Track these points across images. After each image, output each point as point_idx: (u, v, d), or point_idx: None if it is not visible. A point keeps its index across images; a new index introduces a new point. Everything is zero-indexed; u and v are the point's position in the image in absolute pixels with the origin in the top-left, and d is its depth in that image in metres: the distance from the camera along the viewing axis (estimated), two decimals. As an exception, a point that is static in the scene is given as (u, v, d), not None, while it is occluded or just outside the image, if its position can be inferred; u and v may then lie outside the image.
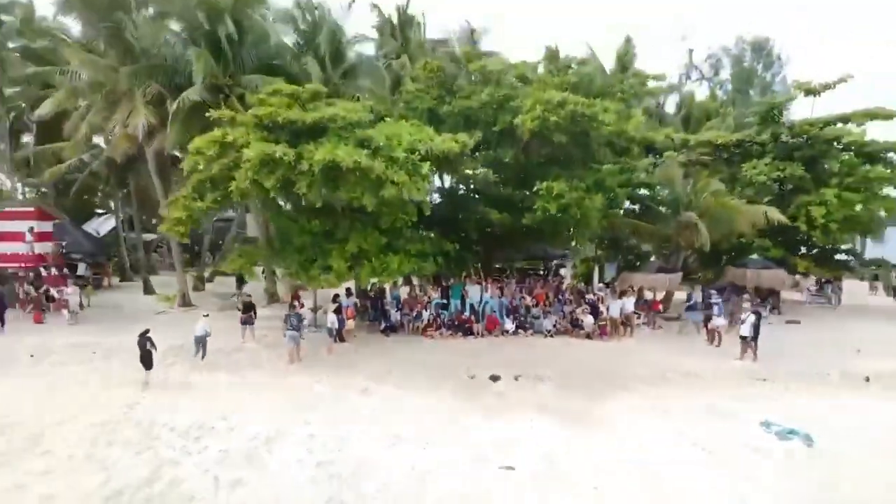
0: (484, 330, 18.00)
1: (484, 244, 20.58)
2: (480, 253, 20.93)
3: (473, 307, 18.61)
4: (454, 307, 18.71)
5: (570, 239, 20.78)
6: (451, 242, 17.79)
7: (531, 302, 19.22)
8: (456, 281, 19.72)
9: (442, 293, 19.34)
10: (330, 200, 14.95)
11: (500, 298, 18.85)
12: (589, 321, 17.77)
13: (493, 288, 19.14)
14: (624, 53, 29.23)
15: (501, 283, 20.31)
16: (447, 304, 18.88)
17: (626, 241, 23.43)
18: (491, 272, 21.40)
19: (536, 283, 21.32)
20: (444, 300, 19.04)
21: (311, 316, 17.74)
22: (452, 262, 18.56)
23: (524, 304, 19.11)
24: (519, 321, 18.45)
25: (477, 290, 18.87)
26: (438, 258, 17.20)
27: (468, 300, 18.74)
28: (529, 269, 25.48)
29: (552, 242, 21.37)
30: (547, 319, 18.37)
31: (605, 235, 22.74)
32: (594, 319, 17.82)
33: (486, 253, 21.15)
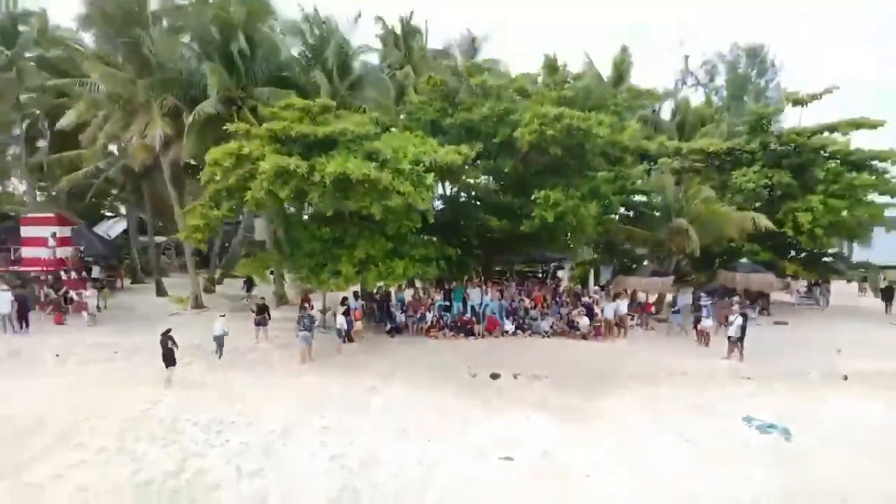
0: (484, 331, 18.41)
1: (484, 249, 20.96)
2: (481, 257, 21.29)
3: (474, 309, 19.01)
4: (456, 309, 19.10)
5: (567, 244, 21.13)
6: (453, 247, 18.18)
7: (530, 304, 19.62)
8: (458, 284, 20.06)
9: (445, 296, 19.77)
10: (340, 209, 15.38)
11: (499, 301, 19.26)
12: (584, 322, 18.24)
13: (493, 291, 19.55)
14: (620, 62, 30.09)
15: (501, 286, 20.69)
16: (450, 306, 19.28)
17: (620, 245, 23.66)
18: (491, 275, 21.79)
19: (535, 285, 21.72)
20: (446, 302, 19.43)
21: (320, 317, 18.24)
22: (454, 266, 18.92)
23: (523, 306, 19.51)
24: (518, 322, 18.87)
25: (478, 292, 19.25)
26: (441, 262, 17.60)
27: (469, 302, 19.14)
28: (528, 271, 25.84)
29: (550, 247, 21.71)
30: (545, 321, 18.82)
31: (600, 240, 23.00)
32: (589, 321, 18.29)
33: (486, 257, 21.53)
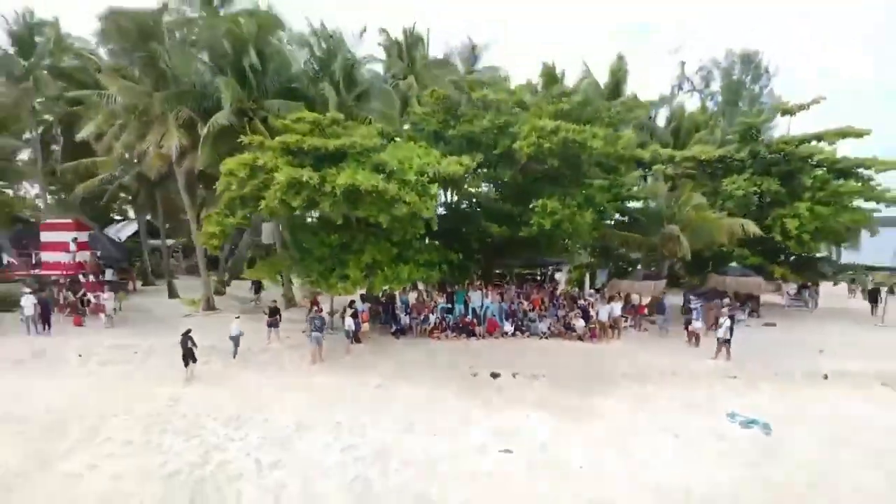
0: (485, 332, 19.07)
1: (485, 254, 21.61)
2: (482, 261, 21.98)
3: (475, 311, 19.67)
4: (458, 311, 19.76)
5: (564, 248, 21.88)
6: (455, 252, 18.86)
7: (528, 306, 20.34)
8: (459, 287, 20.72)
9: (447, 298, 20.44)
10: (348, 216, 16.12)
11: (499, 303, 19.94)
12: (580, 324, 18.98)
13: (493, 294, 20.24)
14: (617, 70, 31.02)
15: (501, 289, 21.40)
16: (452, 308, 19.93)
17: (616, 249, 24.28)
18: (491, 279, 22.49)
19: (533, 288, 22.45)
20: (448, 305, 20.09)
21: (328, 319, 19.00)
22: (456, 270, 19.59)
23: (522, 308, 20.20)
24: (517, 324, 19.54)
25: (478, 295, 19.90)
26: (444, 266, 18.27)
27: (471, 305, 19.78)
28: (527, 274, 26.53)
29: (548, 252, 22.34)
30: (542, 323, 19.52)
31: (596, 245, 23.72)
32: (585, 323, 19.05)
33: (486, 261, 22.22)
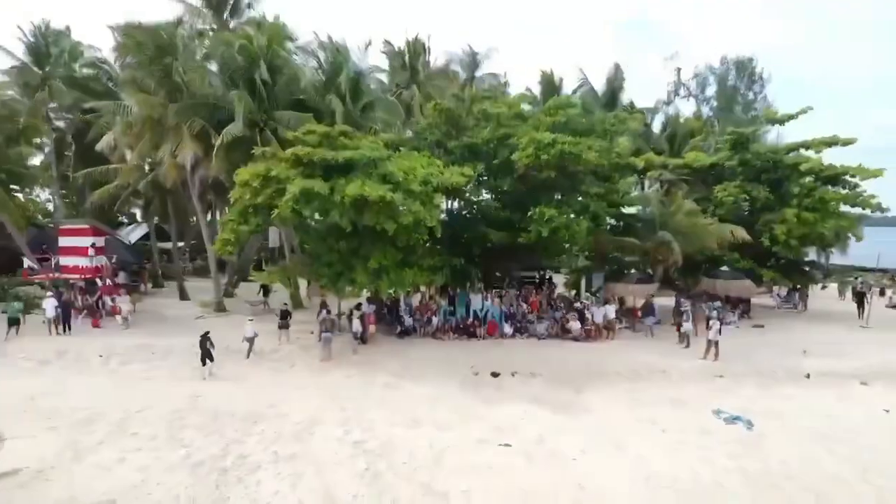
0: (486, 333, 19.86)
1: (485, 258, 22.20)
2: (482, 266, 22.41)
3: (476, 313, 20.41)
4: (460, 313, 20.53)
5: (561, 252, 22.69)
6: (457, 257, 19.57)
7: (527, 309, 21.14)
8: (461, 290, 21.45)
9: (449, 301, 21.20)
10: (356, 223, 16.75)
11: (499, 306, 20.70)
12: (576, 326, 19.78)
13: (493, 297, 21.00)
14: (614, 79, 31.93)
15: (501, 292, 22.08)
16: (454, 310, 20.68)
17: (611, 254, 24.95)
18: (491, 283, 23.14)
19: (531, 291, 23.19)
20: (451, 307, 20.84)
21: (336, 321, 19.68)
22: (458, 274, 20.31)
23: (521, 311, 20.99)
24: (516, 326, 20.33)
25: (479, 298, 20.66)
26: (446, 271, 18.97)
27: (472, 307, 20.53)
28: (525, 277, 27.54)
29: (546, 257, 23.09)
30: (540, 325, 20.30)
31: (592, 250, 24.37)
32: (581, 325, 19.85)
33: (487, 266, 22.76)
